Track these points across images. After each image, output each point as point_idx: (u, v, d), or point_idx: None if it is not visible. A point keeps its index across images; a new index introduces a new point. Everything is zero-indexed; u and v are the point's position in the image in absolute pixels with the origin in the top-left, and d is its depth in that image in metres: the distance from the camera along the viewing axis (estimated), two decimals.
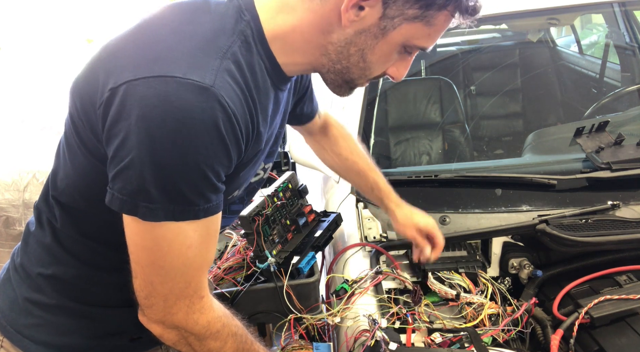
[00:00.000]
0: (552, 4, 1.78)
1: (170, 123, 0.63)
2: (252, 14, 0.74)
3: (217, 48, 0.69)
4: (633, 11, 2.03)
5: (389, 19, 0.72)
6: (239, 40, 0.72)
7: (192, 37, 0.69)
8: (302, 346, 1.04)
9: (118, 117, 0.65)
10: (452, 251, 1.22)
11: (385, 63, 0.79)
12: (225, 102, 0.66)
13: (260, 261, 1.13)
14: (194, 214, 0.70)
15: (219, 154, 0.68)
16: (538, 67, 2.37)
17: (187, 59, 0.66)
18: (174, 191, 0.67)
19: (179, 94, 0.64)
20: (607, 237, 1.11)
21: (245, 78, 0.72)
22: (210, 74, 0.66)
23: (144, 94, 0.64)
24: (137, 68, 0.66)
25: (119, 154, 0.66)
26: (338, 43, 0.75)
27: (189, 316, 0.75)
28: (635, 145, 1.33)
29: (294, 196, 1.29)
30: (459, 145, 1.99)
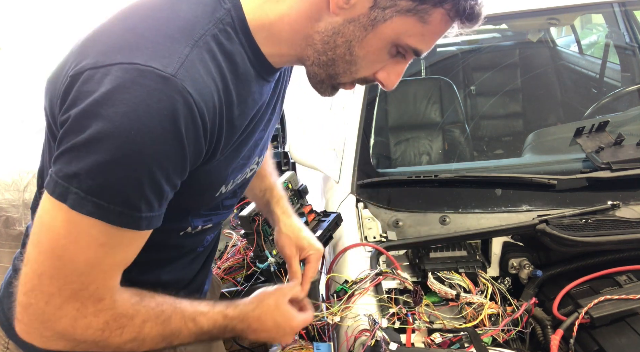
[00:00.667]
0: (552, 4, 1.78)
1: (120, 111, 0.59)
2: (234, 2, 0.70)
3: (189, 36, 0.65)
4: (633, 11, 2.03)
5: (380, 9, 0.68)
6: (215, 29, 0.68)
7: (165, 24, 0.65)
8: (302, 345, 1.04)
9: (73, 102, 0.61)
10: (452, 251, 1.22)
11: (374, 62, 0.74)
12: (188, 94, 0.61)
13: (260, 261, 1.13)
14: (132, 221, 0.63)
15: (172, 152, 0.63)
16: (538, 67, 2.37)
17: (152, 46, 0.62)
18: (113, 186, 0.61)
19: (135, 81, 0.59)
20: (607, 237, 1.11)
21: (221, 68, 0.68)
22: (175, 63, 0.62)
23: (101, 81, 0.60)
24: (100, 55, 0.62)
25: (66, 137, 0.61)
26: (325, 32, 0.71)
27: (76, 322, 0.65)
28: (635, 145, 1.33)
29: (294, 196, 1.29)
30: (459, 145, 1.99)
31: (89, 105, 0.59)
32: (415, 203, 1.36)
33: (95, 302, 0.66)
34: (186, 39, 0.65)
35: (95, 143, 0.59)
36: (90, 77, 0.61)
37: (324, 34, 0.71)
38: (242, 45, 0.71)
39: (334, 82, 0.77)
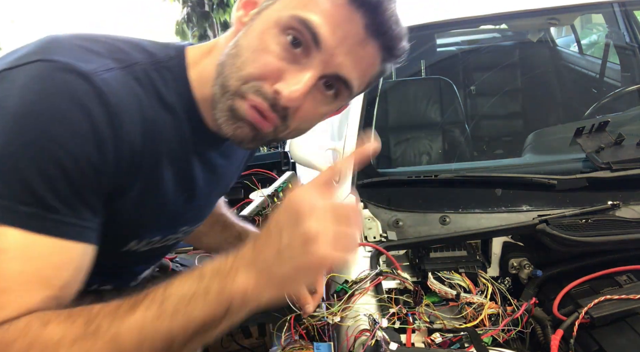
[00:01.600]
0: (552, 4, 1.78)
1: (30, 103, 0.54)
2: (180, 52, 0.70)
3: (119, 60, 0.62)
4: (633, 11, 2.03)
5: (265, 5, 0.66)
6: (151, 66, 0.65)
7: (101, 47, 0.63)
8: (302, 345, 1.04)
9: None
10: (452, 251, 1.22)
11: (260, 51, 0.64)
12: (105, 95, 0.57)
13: None
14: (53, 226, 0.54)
15: (90, 150, 0.56)
16: (538, 67, 2.37)
17: (77, 55, 0.59)
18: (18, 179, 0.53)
19: (51, 75, 0.55)
20: (607, 237, 1.11)
21: (149, 97, 0.64)
22: (96, 68, 0.58)
23: (16, 76, 0.56)
24: (18, 59, 0.58)
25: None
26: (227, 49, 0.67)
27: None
28: (635, 145, 1.33)
29: None
30: (459, 145, 1.99)
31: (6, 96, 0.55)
32: (415, 203, 1.36)
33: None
34: (114, 61, 0.62)
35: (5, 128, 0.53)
36: (4, 78, 0.57)
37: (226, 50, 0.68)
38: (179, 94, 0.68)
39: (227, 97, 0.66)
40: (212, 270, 0.57)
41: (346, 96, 0.70)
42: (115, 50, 0.64)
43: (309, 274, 0.56)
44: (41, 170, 0.53)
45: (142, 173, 0.65)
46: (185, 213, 0.80)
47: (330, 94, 0.69)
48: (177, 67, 0.68)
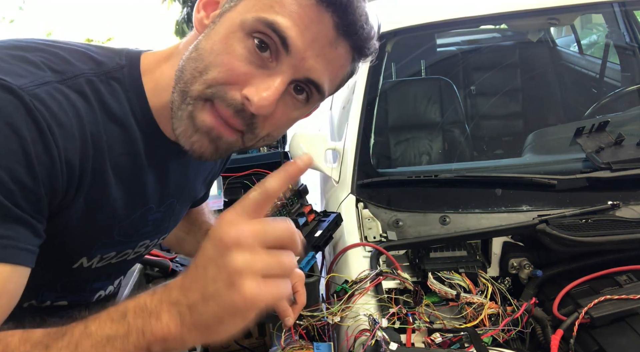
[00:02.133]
0: (552, 4, 1.78)
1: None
2: (132, 61, 0.66)
3: (58, 71, 0.59)
4: (633, 11, 2.03)
5: (226, 4, 0.63)
6: (95, 77, 0.62)
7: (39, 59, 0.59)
8: (302, 346, 1.04)
9: None
10: (452, 251, 1.22)
11: (223, 53, 0.60)
12: (34, 107, 0.53)
13: None
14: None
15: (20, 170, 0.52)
16: (538, 67, 2.37)
17: (11, 67, 0.56)
18: None
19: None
20: (607, 237, 1.11)
21: (93, 111, 0.60)
22: (29, 82, 0.55)
23: None
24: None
25: None
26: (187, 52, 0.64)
27: None
28: (635, 145, 1.33)
29: (294, 196, 1.29)
30: (459, 145, 1.99)
31: None
32: (415, 203, 1.36)
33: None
34: (53, 73, 0.58)
35: None
36: None
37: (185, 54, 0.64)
38: (131, 103, 0.64)
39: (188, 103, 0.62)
40: (136, 306, 0.50)
41: (317, 99, 0.67)
42: (56, 60, 0.60)
43: (238, 317, 0.47)
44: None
45: (84, 189, 0.62)
46: (142, 228, 0.75)
47: (301, 98, 0.65)
48: (129, 76, 0.64)
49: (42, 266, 0.58)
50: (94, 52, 0.64)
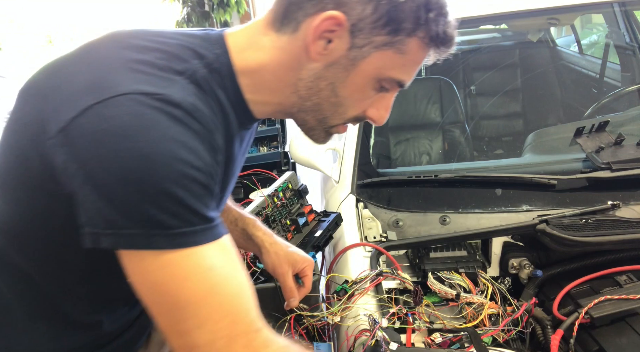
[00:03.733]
0: (552, 4, 1.78)
1: (155, 140, 0.57)
2: (223, 48, 0.71)
3: (180, 72, 0.65)
4: (633, 11, 2.03)
5: (358, 48, 0.69)
6: (204, 69, 0.68)
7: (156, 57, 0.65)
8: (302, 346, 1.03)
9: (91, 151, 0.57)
10: (452, 251, 1.22)
11: (360, 100, 0.74)
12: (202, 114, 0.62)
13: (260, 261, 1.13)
14: (217, 231, 0.62)
15: (212, 161, 0.63)
16: (538, 67, 2.37)
17: (148, 77, 0.62)
18: (182, 208, 0.58)
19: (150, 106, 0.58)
20: (607, 237, 1.11)
21: (211, 107, 0.67)
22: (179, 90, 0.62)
23: (114, 115, 0.57)
24: (97, 90, 0.59)
25: (107, 192, 0.57)
26: (307, 78, 0.71)
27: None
28: (635, 145, 1.33)
29: (294, 196, 1.29)
30: (459, 145, 1.99)
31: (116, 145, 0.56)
32: (415, 203, 1.36)
33: (256, 332, 0.62)
34: (178, 74, 0.64)
35: (145, 178, 0.56)
36: (99, 115, 0.58)
37: (306, 80, 0.72)
38: (226, 90, 0.71)
39: (325, 127, 0.77)
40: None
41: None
42: (173, 60, 0.66)
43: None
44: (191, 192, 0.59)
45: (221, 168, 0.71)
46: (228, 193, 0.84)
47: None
48: (225, 65, 0.71)
49: None
50: (192, 44, 0.70)
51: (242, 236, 1.05)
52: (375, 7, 0.66)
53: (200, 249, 0.59)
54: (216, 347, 0.59)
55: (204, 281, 0.59)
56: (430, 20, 0.68)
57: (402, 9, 0.67)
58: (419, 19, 0.68)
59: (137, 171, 0.56)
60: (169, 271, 0.58)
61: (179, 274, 0.58)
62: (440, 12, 0.69)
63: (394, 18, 0.67)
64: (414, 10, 0.67)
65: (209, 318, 0.59)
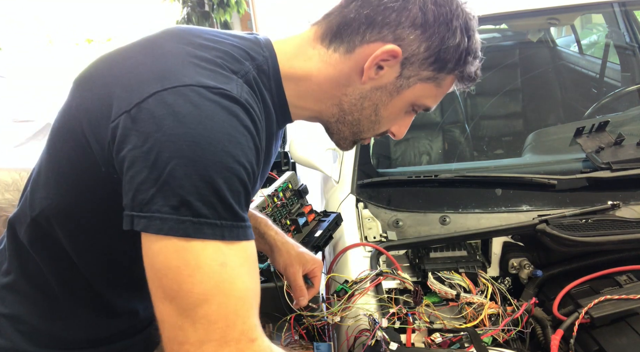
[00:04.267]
0: (552, 4, 1.78)
1: (209, 127, 0.60)
2: (271, 52, 0.76)
3: (235, 71, 0.69)
4: (633, 11, 2.03)
5: (405, 78, 0.76)
6: (255, 71, 0.72)
7: (214, 55, 0.69)
8: (302, 345, 1.04)
9: (147, 132, 0.59)
10: (452, 251, 1.22)
11: (394, 120, 0.83)
12: (254, 113, 0.66)
13: (260, 260, 1.13)
14: (244, 232, 0.63)
15: (254, 161, 0.65)
16: (538, 67, 2.37)
17: (213, 73, 0.66)
18: (220, 203, 0.60)
19: (213, 100, 0.62)
20: (607, 237, 1.11)
21: (258, 103, 0.71)
22: (237, 88, 0.66)
23: (175, 102, 0.60)
24: (162, 79, 0.62)
25: (155, 170, 0.58)
26: (353, 96, 0.78)
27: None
28: (635, 145, 1.33)
29: (294, 196, 1.29)
30: (459, 145, 1.99)
31: (174, 129, 0.59)
32: (415, 203, 1.36)
33: (249, 343, 0.61)
34: (234, 73, 0.69)
35: (193, 166, 0.58)
36: (160, 100, 0.61)
37: (352, 97, 0.78)
38: (271, 92, 0.76)
39: (356, 138, 0.85)
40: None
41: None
42: (229, 59, 0.70)
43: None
44: (235, 192, 0.61)
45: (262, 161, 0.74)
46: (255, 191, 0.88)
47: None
48: (272, 68, 0.76)
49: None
50: (244, 46, 0.74)
51: (254, 234, 1.05)
52: (428, 46, 0.74)
53: (220, 244, 0.60)
54: (203, 349, 0.58)
55: (213, 275, 0.59)
56: (468, 62, 0.78)
57: (450, 51, 0.75)
58: (460, 60, 0.76)
59: (186, 156, 0.58)
60: (184, 257, 0.58)
61: (192, 263, 0.58)
62: (475, 55, 0.79)
63: (442, 58, 0.75)
64: (459, 53, 0.76)
65: (206, 317, 0.58)
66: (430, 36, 0.73)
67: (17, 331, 0.80)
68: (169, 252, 0.59)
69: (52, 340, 0.82)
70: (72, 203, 0.72)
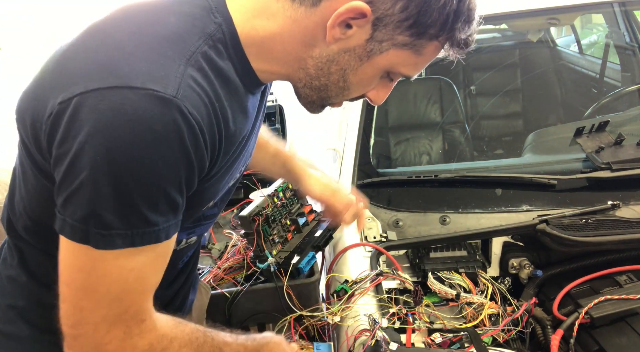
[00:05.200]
0: (552, 4, 1.78)
1: (127, 139, 0.56)
2: (225, 15, 0.68)
3: (181, 53, 0.62)
4: (633, 11, 2.03)
5: (377, 42, 0.68)
6: (206, 45, 0.65)
7: (153, 40, 0.62)
8: (302, 345, 1.04)
9: (67, 135, 0.58)
10: (452, 251, 1.22)
11: (366, 86, 0.75)
12: (189, 114, 0.60)
13: (260, 261, 1.13)
14: (155, 236, 0.63)
15: (182, 170, 0.62)
16: (538, 67, 2.37)
17: (146, 65, 0.59)
18: (132, 213, 0.60)
19: (136, 106, 0.56)
20: (607, 237, 1.11)
21: (212, 85, 0.65)
22: (174, 83, 0.59)
23: (96, 108, 0.56)
24: (88, 79, 0.58)
25: (69, 176, 0.59)
26: (319, 58, 0.70)
27: (125, 343, 0.66)
28: (635, 145, 1.33)
29: (294, 196, 1.29)
30: (459, 145, 1.99)
31: (90, 137, 0.56)
32: (415, 203, 1.36)
33: (139, 323, 0.67)
34: (179, 57, 0.62)
35: (106, 177, 0.57)
36: (82, 104, 0.57)
37: (317, 60, 0.70)
38: (232, 60, 0.69)
39: (324, 103, 0.78)
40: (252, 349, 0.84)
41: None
42: (173, 39, 0.63)
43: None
44: (152, 203, 0.61)
45: (220, 158, 0.70)
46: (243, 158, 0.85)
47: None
48: (228, 34, 0.68)
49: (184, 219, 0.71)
50: (192, 14, 0.66)
51: (283, 170, 1.14)
52: (404, 6, 0.64)
53: (131, 250, 0.62)
54: (99, 327, 0.65)
55: (121, 279, 0.63)
56: (455, 28, 0.68)
57: (431, 14, 0.65)
58: (444, 25, 0.67)
59: (99, 166, 0.57)
60: (94, 266, 0.62)
61: (101, 271, 0.62)
62: (467, 20, 0.68)
63: (421, 22, 0.65)
64: (443, 17, 0.66)
65: (107, 305, 0.64)
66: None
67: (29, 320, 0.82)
68: (80, 257, 0.62)
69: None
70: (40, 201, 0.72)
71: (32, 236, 0.78)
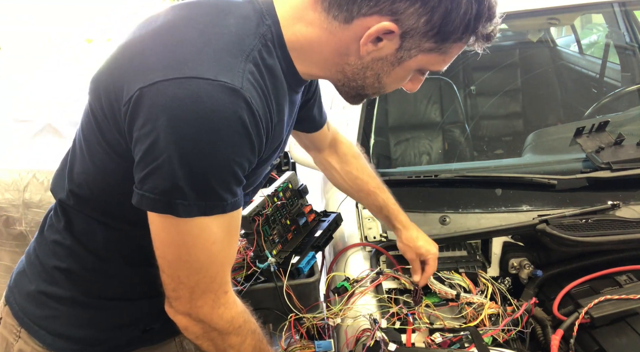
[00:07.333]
0: (552, 4, 1.78)
1: (202, 123, 0.65)
2: (273, 19, 0.76)
3: (242, 50, 0.71)
4: (633, 11, 2.03)
5: (406, 50, 0.75)
6: (260, 44, 0.74)
7: (219, 39, 0.71)
8: (303, 345, 1.04)
9: (148, 118, 0.66)
10: (452, 251, 1.22)
11: (399, 83, 0.83)
12: (252, 102, 0.68)
13: (260, 260, 1.13)
14: (222, 208, 0.72)
15: (246, 151, 0.71)
16: (538, 67, 2.37)
17: (215, 61, 0.68)
18: (206, 187, 0.69)
19: (210, 95, 0.65)
20: (607, 237, 1.11)
21: (265, 80, 0.73)
22: (238, 76, 0.68)
23: (175, 95, 0.65)
24: (167, 69, 0.67)
25: (149, 155, 0.67)
26: (354, 65, 0.78)
27: (214, 310, 0.77)
28: (635, 145, 1.33)
29: (294, 196, 1.29)
30: (459, 145, 1.99)
31: (170, 121, 0.65)
32: (415, 203, 1.36)
33: (224, 294, 0.78)
34: (240, 54, 0.71)
35: (186, 156, 0.66)
36: (163, 90, 0.65)
37: (353, 67, 0.79)
38: (279, 59, 0.77)
39: (362, 97, 0.86)
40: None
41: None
42: (233, 38, 0.72)
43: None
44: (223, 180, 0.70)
45: (268, 145, 0.79)
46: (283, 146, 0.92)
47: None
48: (276, 35, 0.76)
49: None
50: (247, 17, 0.75)
51: (386, 222, 1.22)
52: (428, 19, 0.71)
53: (209, 222, 0.71)
54: (194, 294, 0.76)
55: (206, 251, 0.74)
56: (477, 28, 0.75)
57: (453, 21, 0.71)
58: (467, 29, 0.74)
59: (180, 147, 0.65)
60: (182, 237, 0.72)
61: (190, 242, 0.72)
62: (488, 18, 0.76)
63: (445, 30, 0.72)
64: (465, 22, 0.72)
65: (197, 274, 0.75)
66: (431, 9, 0.70)
67: (72, 282, 0.89)
68: (171, 231, 0.72)
69: (103, 291, 0.91)
70: (106, 176, 0.80)
71: (86, 205, 0.85)
